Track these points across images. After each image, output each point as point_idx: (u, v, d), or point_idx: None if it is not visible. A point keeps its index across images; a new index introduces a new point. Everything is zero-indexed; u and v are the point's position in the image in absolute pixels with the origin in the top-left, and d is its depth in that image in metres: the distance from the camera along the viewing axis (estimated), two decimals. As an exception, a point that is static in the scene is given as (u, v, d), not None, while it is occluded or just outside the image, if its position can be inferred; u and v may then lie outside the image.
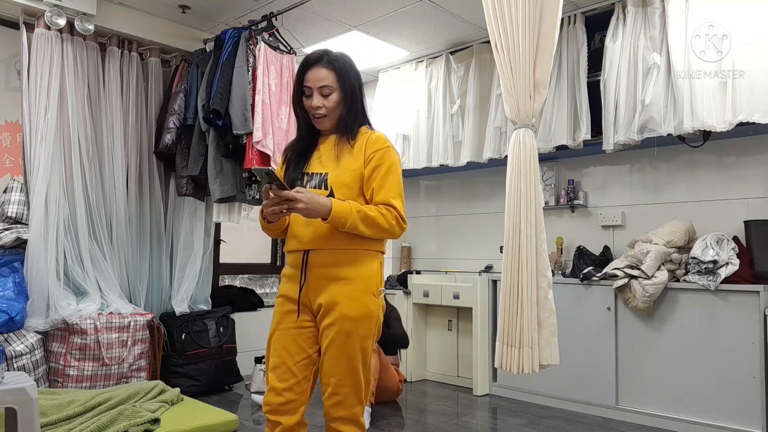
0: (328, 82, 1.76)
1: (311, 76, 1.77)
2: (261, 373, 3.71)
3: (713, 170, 3.42)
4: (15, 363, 2.90)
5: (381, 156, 1.74)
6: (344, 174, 1.74)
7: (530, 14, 2.44)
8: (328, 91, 1.76)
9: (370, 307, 1.71)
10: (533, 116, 2.51)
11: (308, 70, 1.78)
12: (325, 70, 1.76)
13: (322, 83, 1.75)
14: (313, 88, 1.77)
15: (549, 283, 2.48)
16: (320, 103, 1.76)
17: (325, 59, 1.77)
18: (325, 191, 1.72)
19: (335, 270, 1.70)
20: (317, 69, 1.77)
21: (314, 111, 1.78)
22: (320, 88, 1.76)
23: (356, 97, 1.82)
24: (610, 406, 3.32)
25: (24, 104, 3.31)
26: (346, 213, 1.63)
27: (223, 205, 3.75)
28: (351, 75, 1.81)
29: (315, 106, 1.77)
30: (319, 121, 1.80)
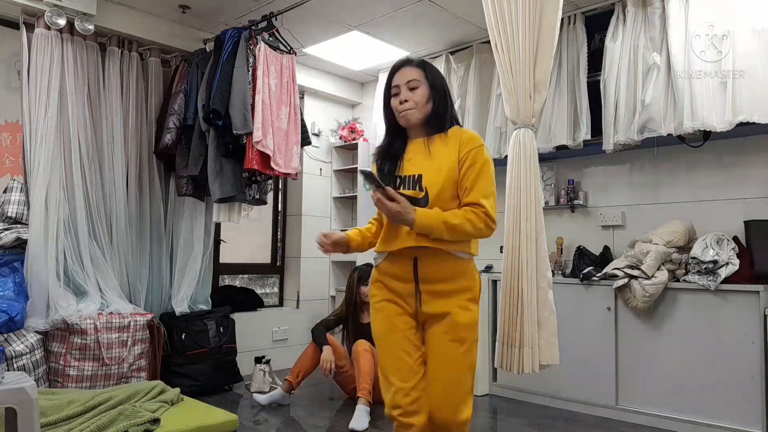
0: (415, 76, 1.79)
1: (398, 76, 1.82)
2: (261, 373, 3.71)
3: (713, 170, 3.42)
4: (15, 363, 2.90)
5: (474, 155, 1.76)
6: (439, 175, 1.74)
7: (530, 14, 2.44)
8: (415, 84, 1.79)
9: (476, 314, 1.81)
10: (533, 116, 2.51)
11: (395, 73, 1.83)
12: (411, 68, 1.82)
13: (409, 78, 1.79)
14: (400, 84, 1.80)
15: (549, 283, 2.48)
16: (407, 96, 1.79)
17: (413, 62, 1.84)
18: (420, 192, 1.74)
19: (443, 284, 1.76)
20: (404, 69, 1.82)
21: (401, 106, 1.80)
22: (408, 83, 1.79)
23: (445, 96, 1.84)
24: (610, 406, 3.32)
25: (24, 104, 3.31)
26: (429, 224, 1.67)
27: (223, 205, 3.75)
28: (438, 75, 1.85)
29: (402, 99, 1.79)
30: (404, 115, 1.80)
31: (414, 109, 1.79)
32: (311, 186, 5.02)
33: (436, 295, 1.76)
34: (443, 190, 1.74)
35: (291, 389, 3.46)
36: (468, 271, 1.81)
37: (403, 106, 1.79)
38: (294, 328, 4.72)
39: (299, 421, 3.31)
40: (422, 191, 1.74)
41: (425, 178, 1.75)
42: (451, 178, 1.74)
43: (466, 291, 1.78)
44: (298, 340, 4.66)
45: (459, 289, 1.76)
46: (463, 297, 1.77)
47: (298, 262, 4.93)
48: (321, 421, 3.25)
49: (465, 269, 1.80)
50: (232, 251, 4.70)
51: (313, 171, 5.04)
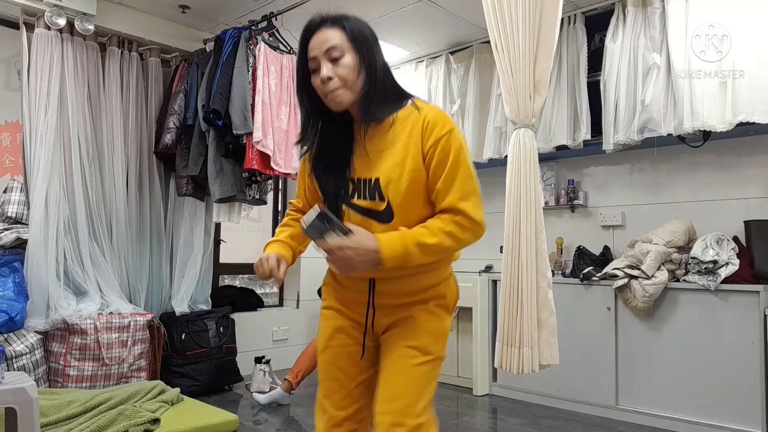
0: (336, 41, 1.32)
1: (314, 43, 1.34)
2: (261, 373, 3.71)
3: (713, 170, 3.42)
4: (15, 363, 2.90)
5: (444, 145, 1.31)
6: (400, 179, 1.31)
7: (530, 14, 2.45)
8: (337, 54, 1.31)
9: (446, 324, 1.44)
10: (533, 116, 2.51)
11: (310, 39, 1.35)
12: (330, 30, 1.33)
13: (327, 45, 1.32)
14: (318, 56, 1.33)
15: (549, 283, 2.48)
16: (330, 72, 1.31)
17: (328, 20, 1.35)
18: (380, 203, 1.33)
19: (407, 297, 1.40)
20: (320, 33, 1.34)
21: (325, 86, 1.32)
22: (327, 51, 1.32)
23: (376, 61, 1.35)
24: (610, 406, 3.32)
25: (24, 104, 3.31)
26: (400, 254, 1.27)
27: (223, 205, 3.75)
28: (364, 32, 1.37)
29: (324, 77, 1.31)
30: (333, 98, 1.33)
31: (342, 88, 1.32)
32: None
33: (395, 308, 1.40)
34: (409, 198, 1.32)
35: (291, 389, 3.46)
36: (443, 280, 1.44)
37: (328, 85, 1.31)
38: (294, 328, 4.72)
39: (299, 421, 3.31)
40: (383, 201, 1.32)
41: (384, 182, 1.32)
42: (417, 180, 1.32)
43: (436, 298, 1.42)
44: (298, 340, 4.66)
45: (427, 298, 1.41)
46: (431, 302, 1.41)
47: (298, 262, 4.91)
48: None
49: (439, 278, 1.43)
50: (232, 251, 4.70)
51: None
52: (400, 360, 1.36)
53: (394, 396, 1.33)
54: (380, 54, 1.39)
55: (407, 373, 1.34)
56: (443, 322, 1.43)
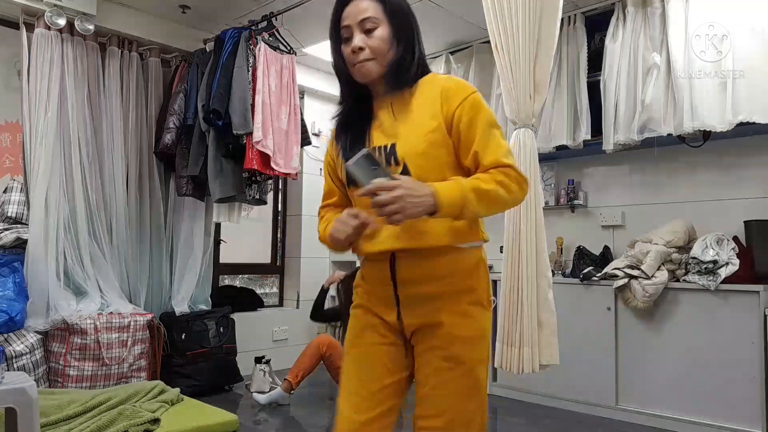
0: (371, 13, 1.31)
1: (348, 12, 1.34)
2: (261, 373, 3.71)
3: (713, 170, 3.42)
4: (15, 363, 2.90)
5: (470, 106, 1.29)
6: (419, 140, 1.28)
7: (530, 14, 2.45)
8: (371, 25, 1.31)
9: (483, 323, 1.32)
10: (533, 116, 2.51)
11: (345, 6, 1.35)
12: (366, 1, 1.32)
13: (363, 15, 1.31)
14: (352, 25, 1.32)
15: (549, 283, 2.48)
16: (362, 43, 1.30)
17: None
18: (396, 167, 1.28)
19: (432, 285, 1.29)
20: (356, 2, 1.33)
21: (355, 56, 1.31)
22: (361, 22, 1.31)
23: (412, 33, 1.35)
24: (610, 406, 3.32)
25: (24, 104, 3.31)
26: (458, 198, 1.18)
27: (223, 205, 3.75)
28: (402, 5, 1.36)
29: (356, 47, 1.31)
30: (360, 68, 1.32)
31: (373, 60, 1.31)
32: (311, 186, 5.01)
33: (420, 299, 1.30)
34: (428, 161, 1.27)
35: (291, 389, 3.46)
36: (471, 266, 1.31)
37: (358, 56, 1.31)
38: (294, 328, 4.72)
39: (299, 421, 3.31)
40: (398, 165, 1.28)
41: (400, 147, 1.28)
42: (436, 141, 1.27)
43: (466, 292, 1.30)
44: (298, 340, 4.66)
45: (455, 290, 1.29)
46: (462, 300, 1.29)
47: (298, 262, 4.93)
48: (321, 421, 3.25)
49: (467, 264, 1.31)
50: (232, 251, 4.70)
51: (313, 171, 5.04)
52: (436, 374, 1.27)
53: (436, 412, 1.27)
54: (416, 29, 1.38)
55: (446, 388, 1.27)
56: (479, 322, 1.31)
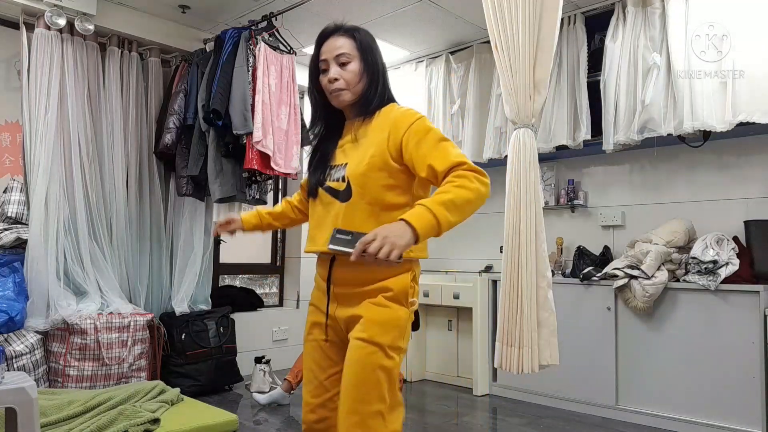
0: (346, 50, 1.54)
1: (326, 48, 1.57)
2: (261, 373, 3.71)
3: (713, 170, 3.42)
4: (15, 363, 2.90)
5: (416, 129, 1.48)
6: (361, 162, 1.49)
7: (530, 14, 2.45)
8: (345, 59, 1.54)
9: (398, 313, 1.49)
10: (533, 116, 2.51)
11: (323, 43, 1.58)
12: (342, 39, 1.56)
13: (338, 51, 1.54)
14: (329, 59, 1.55)
15: (549, 283, 2.48)
16: (337, 74, 1.53)
17: (341, 29, 1.58)
18: (341, 183, 1.51)
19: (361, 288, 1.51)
20: (333, 39, 1.56)
21: (331, 85, 1.55)
22: (337, 57, 1.54)
23: (378, 70, 1.58)
24: (610, 406, 3.32)
25: (24, 104, 3.31)
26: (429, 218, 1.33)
27: (223, 205, 3.75)
28: (372, 45, 1.60)
29: (331, 78, 1.54)
30: (336, 95, 1.56)
31: (345, 90, 1.54)
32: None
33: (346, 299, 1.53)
34: (367, 179, 1.48)
35: (291, 389, 3.46)
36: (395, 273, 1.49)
37: (333, 85, 1.54)
38: (294, 328, 4.72)
39: (299, 421, 3.31)
40: (344, 182, 1.50)
41: (348, 167, 1.51)
42: (375, 164, 1.47)
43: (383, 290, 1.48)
44: (298, 340, 4.66)
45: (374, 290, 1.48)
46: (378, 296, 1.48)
47: (298, 262, 4.93)
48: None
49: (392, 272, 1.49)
50: (232, 251, 4.70)
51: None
52: (353, 353, 1.46)
53: (349, 386, 1.44)
54: (382, 64, 1.61)
55: (359, 364, 1.44)
56: (394, 311, 1.48)
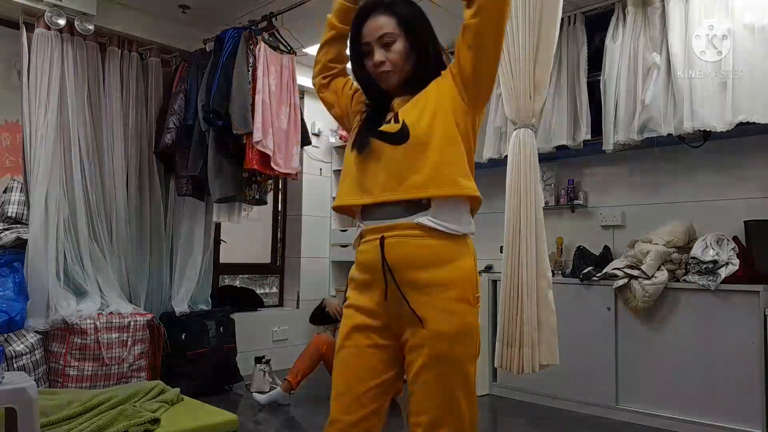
0: (389, 29, 1.41)
1: (367, 29, 1.43)
2: (261, 373, 3.71)
3: (713, 170, 3.42)
4: (15, 363, 2.90)
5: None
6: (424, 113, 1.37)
7: (530, 14, 2.45)
8: (389, 39, 1.41)
9: (468, 318, 1.34)
10: (533, 116, 2.51)
11: (363, 24, 1.45)
12: (383, 17, 1.42)
13: (381, 32, 1.41)
14: (371, 42, 1.42)
15: (549, 283, 2.48)
16: (382, 57, 1.41)
17: (381, 5, 1.44)
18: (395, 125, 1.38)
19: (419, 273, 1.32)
20: (373, 18, 1.43)
21: (377, 69, 1.43)
22: (379, 38, 1.41)
23: (427, 45, 1.45)
24: (610, 406, 3.32)
25: (24, 104, 3.31)
26: None
27: (223, 205, 3.75)
28: (416, 18, 1.46)
29: (377, 62, 1.42)
30: (384, 78, 1.45)
31: (391, 71, 1.43)
32: (311, 186, 5.02)
33: (411, 287, 1.32)
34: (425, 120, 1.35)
35: (291, 389, 3.46)
36: (454, 255, 1.34)
37: (379, 68, 1.43)
38: (294, 328, 4.72)
39: (299, 421, 3.31)
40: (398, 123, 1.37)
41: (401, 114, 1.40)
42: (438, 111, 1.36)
43: (449, 285, 1.32)
44: (298, 340, 4.66)
45: (439, 282, 1.31)
46: (445, 295, 1.32)
47: (298, 262, 4.93)
48: (321, 421, 3.24)
49: (450, 252, 1.34)
50: (232, 251, 4.70)
51: (313, 171, 5.04)
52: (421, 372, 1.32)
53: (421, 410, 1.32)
54: (431, 37, 1.47)
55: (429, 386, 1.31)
56: (462, 318, 1.33)
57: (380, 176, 1.35)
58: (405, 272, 1.33)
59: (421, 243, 1.33)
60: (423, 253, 1.33)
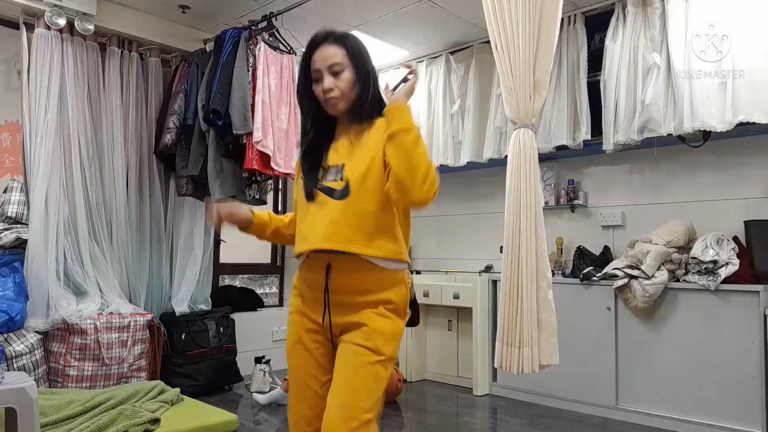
0: (338, 59, 1.53)
1: (318, 57, 1.54)
2: (261, 373, 3.71)
3: (713, 170, 3.42)
4: (15, 363, 2.90)
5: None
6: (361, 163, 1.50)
7: (530, 14, 2.45)
8: (339, 69, 1.52)
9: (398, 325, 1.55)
10: (533, 116, 2.51)
11: (314, 52, 1.55)
12: (333, 47, 1.54)
13: (331, 61, 1.52)
14: (321, 69, 1.53)
15: (549, 283, 2.48)
16: (332, 84, 1.52)
17: (331, 37, 1.55)
18: (340, 182, 1.51)
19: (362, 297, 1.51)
20: (324, 48, 1.54)
21: (326, 95, 1.54)
22: (330, 66, 1.52)
23: (370, 78, 1.57)
24: (610, 406, 3.32)
25: (24, 104, 3.31)
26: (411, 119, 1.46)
27: (223, 206, 3.74)
28: (363, 52, 1.58)
29: (326, 89, 1.52)
30: (331, 105, 1.55)
31: (340, 99, 1.54)
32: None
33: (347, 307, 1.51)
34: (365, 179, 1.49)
35: (291, 389, 3.46)
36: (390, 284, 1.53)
37: (328, 95, 1.53)
38: (294, 328, 4.71)
39: (299, 421, 3.30)
40: (342, 181, 1.50)
41: (348, 166, 1.52)
42: (374, 166, 1.49)
43: (386, 302, 1.51)
44: (298, 340, 4.66)
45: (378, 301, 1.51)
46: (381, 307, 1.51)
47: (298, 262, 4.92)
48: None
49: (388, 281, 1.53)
50: (232, 251, 4.69)
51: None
52: (354, 358, 1.45)
53: (349, 391, 1.43)
54: (372, 70, 1.60)
55: (361, 371, 1.45)
56: (395, 324, 1.53)
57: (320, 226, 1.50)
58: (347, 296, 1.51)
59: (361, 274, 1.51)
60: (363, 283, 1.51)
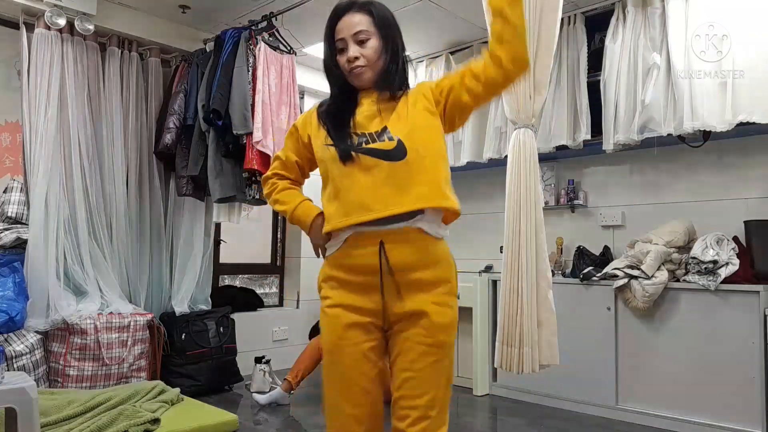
0: (364, 26, 1.47)
1: (343, 25, 1.49)
2: (261, 373, 3.71)
3: (713, 170, 3.42)
4: (15, 363, 2.90)
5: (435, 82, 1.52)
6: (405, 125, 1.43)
7: (530, 14, 2.45)
8: (364, 37, 1.47)
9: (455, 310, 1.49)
10: (533, 116, 2.51)
11: (338, 22, 1.50)
12: (359, 15, 1.48)
13: (356, 29, 1.47)
14: (346, 38, 1.48)
15: (549, 283, 2.48)
16: (357, 53, 1.46)
17: (356, 5, 1.50)
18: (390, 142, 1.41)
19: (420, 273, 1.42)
20: (349, 16, 1.49)
21: (351, 64, 1.47)
22: (355, 34, 1.47)
23: (399, 46, 1.52)
24: (610, 406, 3.32)
25: (24, 104, 3.31)
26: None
27: (223, 205, 3.75)
28: (390, 19, 1.53)
29: (351, 57, 1.47)
30: (356, 74, 1.49)
31: (366, 67, 1.47)
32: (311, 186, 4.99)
33: (412, 287, 1.42)
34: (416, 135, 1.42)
35: (291, 389, 3.46)
36: (444, 256, 1.47)
37: (353, 64, 1.47)
38: (294, 328, 4.72)
39: (299, 421, 3.31)
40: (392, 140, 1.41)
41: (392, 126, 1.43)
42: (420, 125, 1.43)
43: (443, 282, 1.45)
44: (298, 340, 4.66)
45: (435, 280, 1.43)
46: (440, 291, 1.43)
47: (298, 262, 4.93)
48: (321, 421, 3.25)
49: (441, 253, 1.46)
50: (232, 251, 4.70)
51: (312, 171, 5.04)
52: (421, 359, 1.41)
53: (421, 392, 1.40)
54: (401, 39, 1.54)
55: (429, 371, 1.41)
56: (453, 309, 1.48)
57: (381, 191, 1.39)
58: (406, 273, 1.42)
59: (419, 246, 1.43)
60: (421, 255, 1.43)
